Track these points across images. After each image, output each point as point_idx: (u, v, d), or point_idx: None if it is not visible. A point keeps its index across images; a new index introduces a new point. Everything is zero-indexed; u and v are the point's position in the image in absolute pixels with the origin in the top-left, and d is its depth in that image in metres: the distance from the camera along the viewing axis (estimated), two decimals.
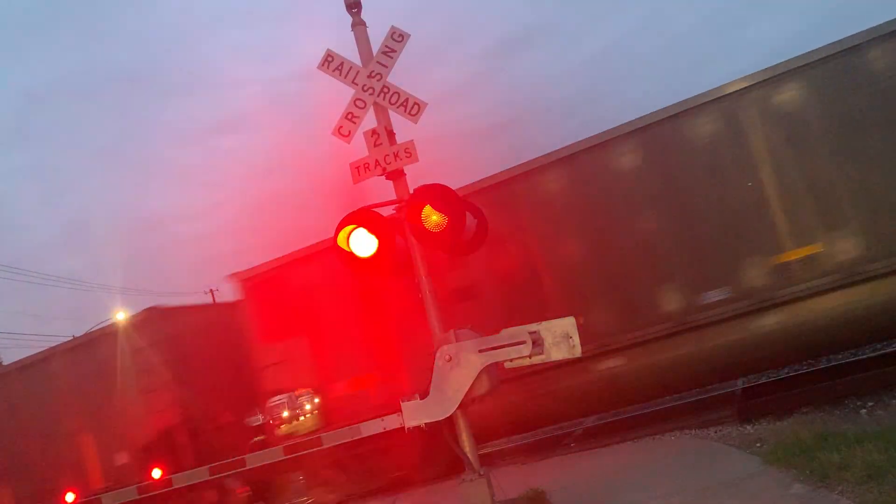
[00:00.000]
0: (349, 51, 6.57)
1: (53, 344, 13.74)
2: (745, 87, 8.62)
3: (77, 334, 16.98)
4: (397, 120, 6.41)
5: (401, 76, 6.37)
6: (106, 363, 11.48)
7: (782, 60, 8.54)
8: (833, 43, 8.36)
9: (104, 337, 11.97)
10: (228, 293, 11.73)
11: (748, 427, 8.08)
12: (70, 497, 10.60)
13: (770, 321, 8.49)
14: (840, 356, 10.11)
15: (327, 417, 10.31)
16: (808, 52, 8.45)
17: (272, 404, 12.54)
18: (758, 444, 7.14)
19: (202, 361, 11.89)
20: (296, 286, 10.46)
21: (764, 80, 8.56)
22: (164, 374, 11.21)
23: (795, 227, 8.45)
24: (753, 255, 8.56)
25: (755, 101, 8.61)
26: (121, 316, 13.68)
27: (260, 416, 12.38)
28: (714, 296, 8.65)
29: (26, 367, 12.48)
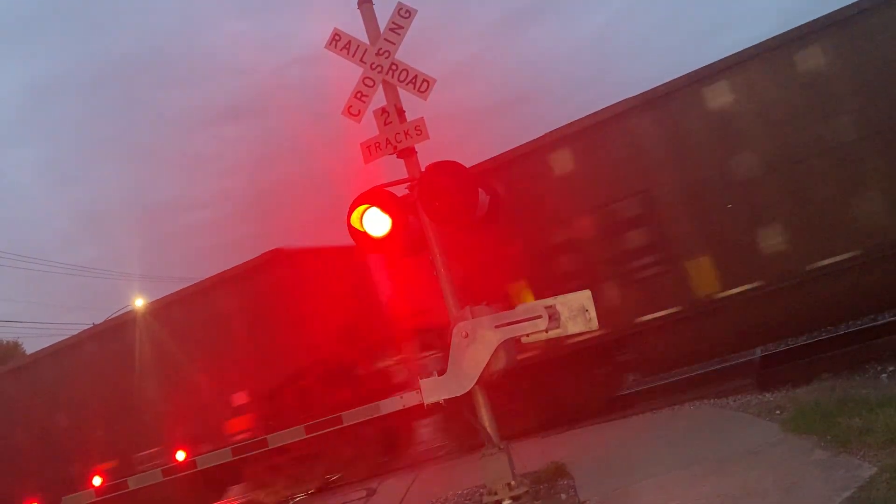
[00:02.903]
0: (354, 33, 6.53)
1: (73, 332, 13.62)
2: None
3: (96, 321, 17.10)
4: (407, 98, 6.38)
5: (409, 54, 6.34)
6: (222, 312, 10.92)
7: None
8: None
9: (220, 283, 11.19)
10: None
11: (767, 395, 8.06)
12: (97, 481, 10.79)
13: None
14: (859, 321, 10.05)
15: None
16: None
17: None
18: (777, 412, 7.12)
19: (330, 304, 11.32)
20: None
21: None
22: (290, 316, 10.65)
23: None
24: None
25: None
26: (139, 303, 13.56)
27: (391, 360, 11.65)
28: None
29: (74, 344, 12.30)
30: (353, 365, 11.51)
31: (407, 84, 6.25)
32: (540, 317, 5.58)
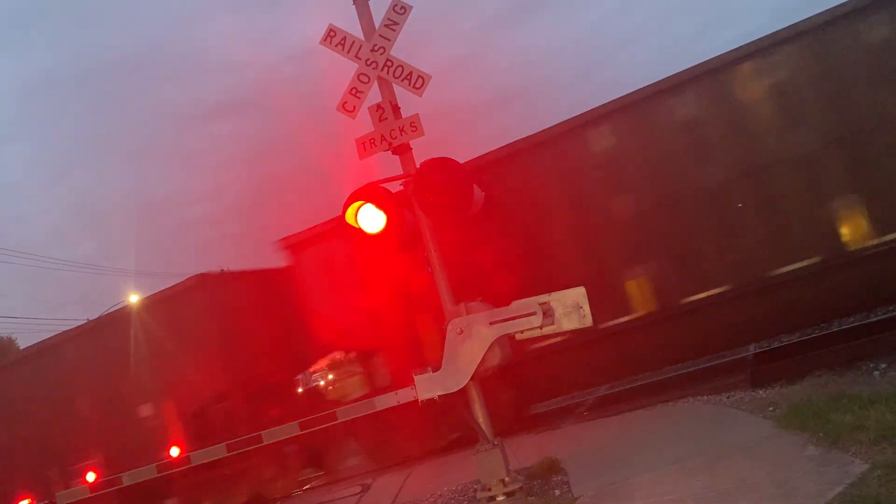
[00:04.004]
0: (349, 29, 6.52)
1: (66, 328, 13.61)
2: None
3: (91, 317, 16.98)
4: (402, 94, 6.37)
5: (404, 50, 6.33)
6: (151, 332, 11.15)
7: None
8: None
9: (150, 304, 11.60)
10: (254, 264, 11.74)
11: (760, 391, 8.09)
12: (91, 476, 10.77)
13: None
14: (852, 318, 10.08)
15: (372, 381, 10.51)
16: None
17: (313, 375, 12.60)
18: (770, 409, 7.15)
19: (253, 326, 11.60)
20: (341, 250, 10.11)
21: None
22: (214, 339, 10.97)
23: None
24: None
25: None
26: (133, 299, 13.52)
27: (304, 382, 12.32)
28: None
29: (46, 348, 12.36)
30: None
31: (402, 80, 6.24)
32: (534, 313, 5.60)
